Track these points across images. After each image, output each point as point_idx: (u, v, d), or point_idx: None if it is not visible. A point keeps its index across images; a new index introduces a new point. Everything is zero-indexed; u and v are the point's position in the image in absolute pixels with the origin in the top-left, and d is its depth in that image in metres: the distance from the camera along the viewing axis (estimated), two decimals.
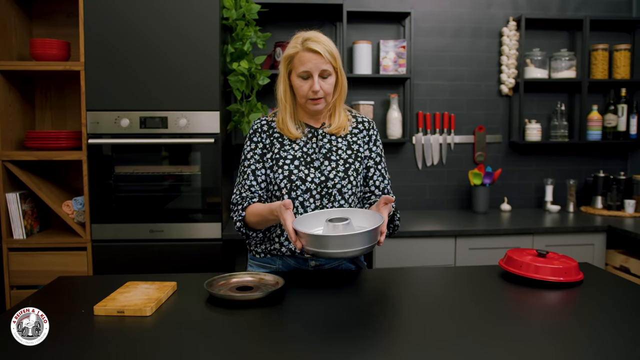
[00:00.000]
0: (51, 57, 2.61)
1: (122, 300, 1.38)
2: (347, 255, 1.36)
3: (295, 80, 1.66)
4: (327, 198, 1.68)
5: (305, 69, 1.62)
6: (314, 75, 1.62)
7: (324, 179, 1.68)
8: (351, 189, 1.70)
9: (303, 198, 1.66)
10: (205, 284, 1.45)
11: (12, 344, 1.13)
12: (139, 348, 1.15)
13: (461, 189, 3.42)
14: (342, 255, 1.36)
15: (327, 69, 1.63)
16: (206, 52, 2.54)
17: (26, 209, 2.65)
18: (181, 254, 2.59)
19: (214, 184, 2.61)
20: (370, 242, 1.37)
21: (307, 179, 1.67)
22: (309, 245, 1.38)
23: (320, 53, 1.61)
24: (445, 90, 3.36)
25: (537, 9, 3.37)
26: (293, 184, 1.66)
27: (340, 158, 1.71)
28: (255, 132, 1.75)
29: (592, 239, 2.86)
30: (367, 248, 1.37)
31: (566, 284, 1.55)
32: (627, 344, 1.15)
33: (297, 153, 1.70)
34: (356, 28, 3.25)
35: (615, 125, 3.33)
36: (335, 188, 1.68)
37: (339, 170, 1.69)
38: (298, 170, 1.67)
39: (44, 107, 2.95)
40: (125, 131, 2.54)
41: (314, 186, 1.67)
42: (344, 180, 1.69)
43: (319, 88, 1.63)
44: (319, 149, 1.72)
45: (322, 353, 1.12)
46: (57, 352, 1.12)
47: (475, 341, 1.17)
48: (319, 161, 1.70)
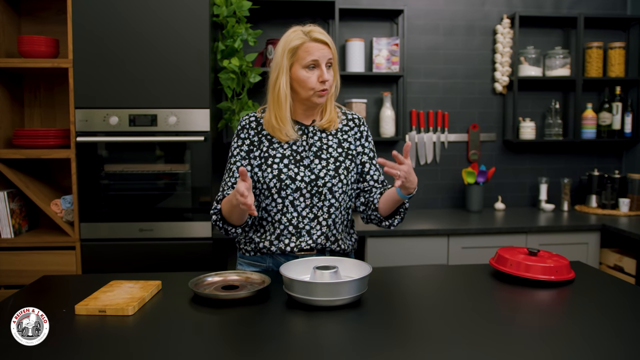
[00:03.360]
0: (39, 54, 2.58)
1: (104, 300, 1.35)
2: (334, 304, 1.31)
3: (299, 73, 1.60)
4: (318, 197, 1.65)
5: (314, 57, 1.58)
6: (322, 65, 1.60)
7: (314, 178, 1.65)
8: (342, 188, 1.68)
9: (293, 197, 1.64)
10: (190, 283, 1.43)
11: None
12: (120, 347, 1.13)
13: (455, 187, 3.40)
14: (329, 303, 1.31)
15: (331, 59, 1.62)
16: (196, 49, 2.52)
17: (14, 208, 2.62)
18: (171, 253, 2.56)
19: (204, 182, 2.58)
20: (359, 290, 1.34)
21: (297, 177, 1.64)
22: (297, 292, 1.33)
23: (327, 43, 1.60)
24: (439, 88, 3.34)
25: (531, 7, 3.35)
26: (282, 183, 1.63)
27: (330, 156, 1.69)
28: (242, 129, 1.72)
29: (586, 238, 2.84)
30: (356, 297, 1.35)
31: (557, 282, 1.53)
32: (619, 342, 1.13)
33: (286, 151, 1.67)
34: (349, 25, 3.22)
35: (610, 124, 3.32)
36: (326, 187, 1.65)
37: (329, 168, 1.67)
38: (287, 169, 1.64)
39: (33, 106, 2.92)
40: (114, 129, 2.51)
41: (304, 185, 1.64)
42: (334, 179, 1.66)
43: (328, 77, 1.60)
44: (309, 147, 1.69)
45: (308, 352, 1.09)
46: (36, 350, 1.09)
47: (467, 340, 1.15)
48: (308, 159, 1.67)
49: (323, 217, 1.66)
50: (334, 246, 1.69)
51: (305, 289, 1.32)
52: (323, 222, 1.66)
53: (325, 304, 1.31)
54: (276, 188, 1.63)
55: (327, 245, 1.68)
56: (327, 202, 1.66)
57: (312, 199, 1.65)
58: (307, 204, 1.65)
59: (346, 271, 1.48)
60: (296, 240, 1.66)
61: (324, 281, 1.34)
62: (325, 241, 1.67)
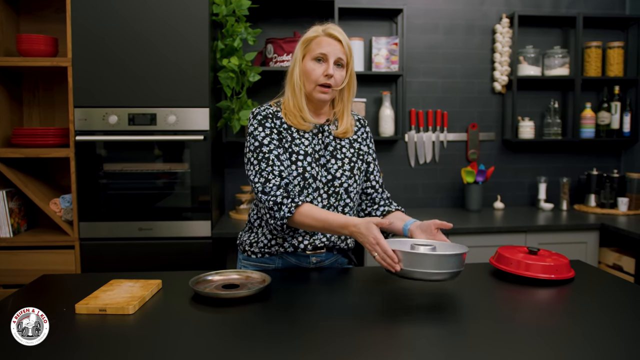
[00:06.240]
0: (38, 53, 2.58)
1: (104, 299, 1.35)
2: (442, 277, 1.32)
3: (307, 64, 1.60)
4: (335, 197, 1.64)
5: (323, 51, 1.58)
6: (329, 60, 1.59)
7: (330, 178, 1.64)
8: (356, 188, 1.68)
9: (312, 197, 1.61)
10: (191, 282, 1.43)
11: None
12: (121, 346, 1.12)
13: (454, 187, 3.40)
14: (438, 276, 1.32)
15: (342, 59, 1.61)
16: (196, 48, 2.51)
17: (13, 207, 2.61)
18: (170, 252, 2.56)
19: (203, 181, 2.58)
20: (459, 266, 1.36)
21: (317, 177, 1.62)
22: (406, 264, 1.34)
23: (340, 40, 1.60)
24: (438, 87, 3.34)
25: (530, 6, 3.35)
26: (306, 182, 1.60)
27: (345, 156, 1.68)
28: (265, 118, 1.62)
29: (585, 237, 2.85)
30: (457, 272, 1.36)
31: (557, 281, 1.54)
32: (619, 341, 1.13)
33: (307, 149, 1.63)
34: (348, 25, 3.22)
35: (609, 123, 3.32)
36: (342, 187, 1.64)
37: (345, 169, 1.66)
38: (311, 167, 1.61)
39: (32, 105, 2.91)
40: (113, 128, 2.51)
41: (322, 185, 1.63)
42: (350, 180, 1.66)
43: (333, 72, 1.58)
44: (325, 146, 1.67)
45: (308, 352, 1.09)
46: (36, 349, 1.09)
47: (467, 338, 1.15)
48: (325, 158, 1.65)
49: None
50: (342, 244, 1.70)
51: (411, 261, 1.32)
52: None
53: (429, 277, 1.32)
54: (300, 186, 1.59)
55: (338, 243, 1.68)
56: (343, 202, 1.65)
57: (329, 199, 1.63)
58: (325, 205, 1.63)
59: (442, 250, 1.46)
60: (310, 238, 1.64)
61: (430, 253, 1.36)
62: (337, 239, 1.68)
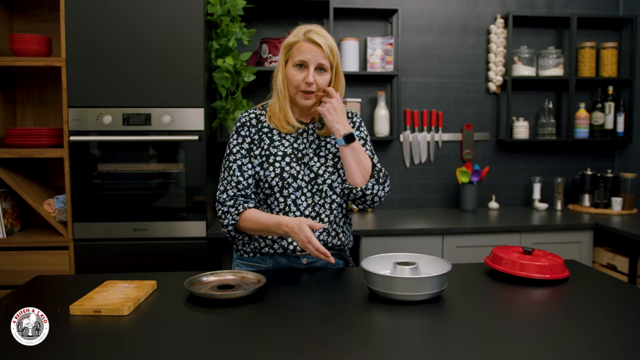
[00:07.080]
0: (32, 53, 2.56)
1: (99, 300, 1.34)
2: (415, 299, 1.35)
3: (289, 70, 1.61)
4: (319, 195, 1.65)
5: (303, 58, 1.58)
6: (310, 67, 1.59)
7: (313, 176, 1.65)
8: (341, 183, 1.67)
9: (295, 196, 1.63)
10: (185, 283, 1.42)
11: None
12: (116, 348, 1.12)
13: (449, 187, 3.41)
14: (409, 298, 1.35)
15: (324, 64, 1.60)
16: (191, 47, 2.51)
17: (6, 208, 2.60)
18: (165, 252, 2.55)
19: (198, 182, 2.57)
20: (439, 287, 1.38)
21: (298, 176, 1.63)
22: (379, 286, 1.38)
23: (320, 45, 1.58)
24: (433, 87, 3.35)
25: (525, 7, 3.36)
26: (285, 181, 1.62)
27: (329, 152, 1.69)
28: (243, 126, 1.68)
29: (579, 237, 2.86)
30: (436, 293, 1.38)
31: (552, 281, 1.54)
32: (614, 339, 1.14)
33: (287, 149, 1.65)
34: (343, 25, 3.22)
35: (603, 123, 3.33)
36: (326, 184, 1.65)
37: (327, 165, 1.67)
38: (290, 167, 1.63)
39: (26, 105, 2.89)
40: (107, 128, 2.50)
41: (304, 184, 1.64)
42: (333, 175, 1.66)
43: (312, 80, 1.59)
44: (309, 144, 1.68)
45: (303, 352, 1.09)
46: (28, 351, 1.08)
47: (462, 338, 1.15)
48: (308, 157, 1.66)
49: (325, 214, 1.66)
50: (334, 240, 1.69)
51: (386, 284, 1.37)
52: (325, 219, 1.66)
53: (406, 298, 1.35)
54: (278, 187, 1.62)
55: (329, 241, 1.68)
56: (329, 199, 1.66)
57: (314, 197, 1.64)
58: (309, 203, 1.64)
59: (425, 268, 1.51)
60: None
61: (404, 276, 1.41)
62: (327, 237, 1.67)
